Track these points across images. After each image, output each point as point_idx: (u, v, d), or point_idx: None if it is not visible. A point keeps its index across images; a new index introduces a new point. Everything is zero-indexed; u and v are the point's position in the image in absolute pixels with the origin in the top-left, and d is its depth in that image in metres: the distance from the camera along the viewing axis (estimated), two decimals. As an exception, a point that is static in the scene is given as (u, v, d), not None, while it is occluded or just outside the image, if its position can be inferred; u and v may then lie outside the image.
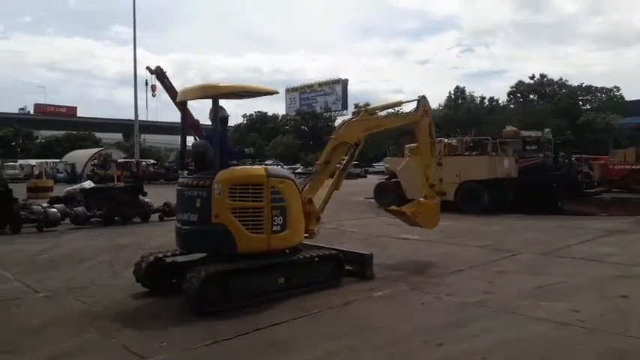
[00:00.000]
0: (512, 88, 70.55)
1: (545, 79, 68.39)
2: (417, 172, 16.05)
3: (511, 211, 14.42)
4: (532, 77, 68.93)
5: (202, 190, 5.48)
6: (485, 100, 71.84)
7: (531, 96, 69.00)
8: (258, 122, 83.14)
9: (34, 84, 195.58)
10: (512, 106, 68.57)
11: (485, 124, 47.94)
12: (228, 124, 6.96)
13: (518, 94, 69.89)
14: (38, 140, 75.37)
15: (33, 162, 49.40)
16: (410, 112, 7.99)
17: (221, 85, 5.95)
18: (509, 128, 19.46)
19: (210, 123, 6.08)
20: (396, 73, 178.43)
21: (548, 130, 20.69)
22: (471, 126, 42.07)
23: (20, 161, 52.49)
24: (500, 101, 71.22)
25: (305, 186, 6.71)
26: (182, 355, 4.12)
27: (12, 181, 20.20)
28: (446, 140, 17.18)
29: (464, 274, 7.01)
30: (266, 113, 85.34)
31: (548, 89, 67.63)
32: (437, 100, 69.57)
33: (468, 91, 74.54)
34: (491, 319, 4.97)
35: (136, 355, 4.09)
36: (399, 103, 8.34)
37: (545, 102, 63.93)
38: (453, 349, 4.21)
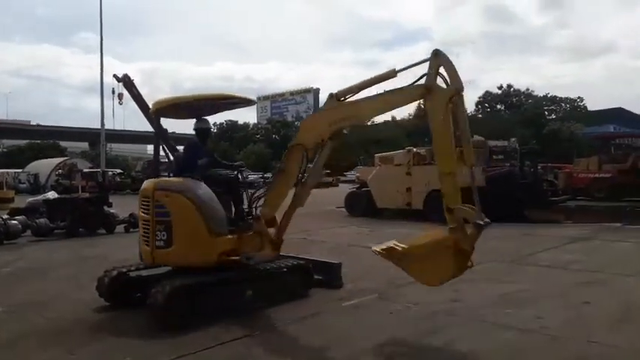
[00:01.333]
0: (479, 98, 72.16)
1: (512, 89, 70.21)
2: (387, 182, 16.34)
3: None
4: (500, 87, 70.72)
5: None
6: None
7: (498, 106, 70.64)
8: (229, 131, 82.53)
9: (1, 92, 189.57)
10: (479, 115, 70.03)
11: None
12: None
13: (486, 104, 71.45)
14: (0, 149, 72.98)
15: (7, 171, 47.77)
16: (408, 85, 5.01)
17: (193, 95, 5.92)
18: (476, 138, 19.79)
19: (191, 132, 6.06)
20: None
21: (514, 139, 21.11)
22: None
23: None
24: (468, 111, 72.67)
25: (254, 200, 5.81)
26: (145, 371, 4.01)
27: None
28: (415, 149, 17.38)
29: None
30: (237, 122, 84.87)
31: (514, 99, 69.40)
32: (406, 109, 70.54)
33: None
34: (460, 328, 5.01)
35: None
36: (392, 74, 5.14)
37: (512, 112, 65.53)
38: (422, 357, 4.22)
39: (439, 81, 4.78)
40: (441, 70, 4.72)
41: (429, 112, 4.88)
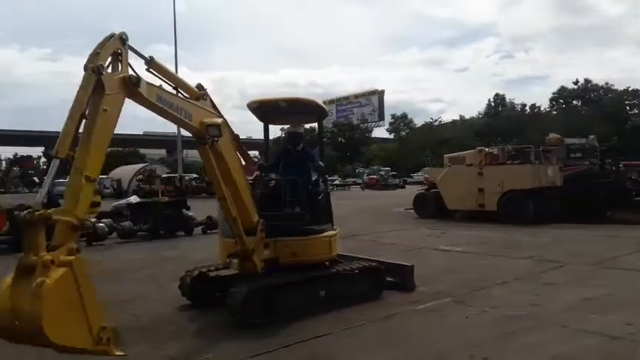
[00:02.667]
0: (554, 94, 68.71)
1: (590, 84, 66.23)
2: (458, 182, 15.98)
3: (557, 221, 13.99)
4: (576, 82, 66.94)
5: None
6: (527, 107, 70.23)
7: (575, 102, 66.97)
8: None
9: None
10: (554, 112, 66.71)
11: (527, 131, 46.75)
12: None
13: (561, 100, 67.96)
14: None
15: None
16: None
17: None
18: (552, 136, 18.94)
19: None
20: (433, 83, 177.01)
21: (593, 136, 19.97)
22: (512, 134, 41.13)
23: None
24: (542, 108, 69.46)
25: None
26: (227, 367, 4.19)
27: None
28: (487, 149, 16.87)
29: (509, 286, 6.83)
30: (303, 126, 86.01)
31: (592, 94, 65.45)
32: (477, 108, 68.52)
33: (508, 98, 73.10)
34: (540, 333, 4.82)
35: (183, 366, 4.18)
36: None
37: (590, 108, 61.90)
38: (499, 363, 4.11)
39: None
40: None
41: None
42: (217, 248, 6.02)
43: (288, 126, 6.71)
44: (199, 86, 6.55)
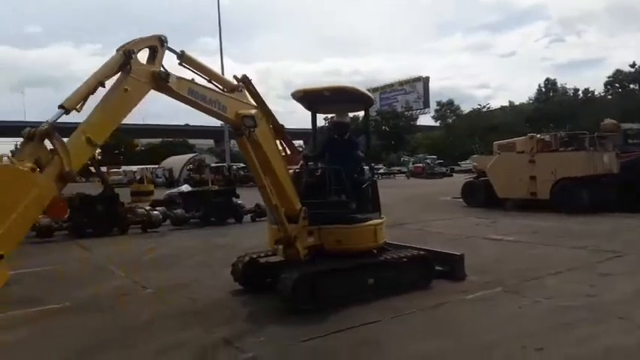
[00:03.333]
0: (609, 78, 65.41)
1: (649, 67, 62.63)
2: (508, 170, 15.57)
3: (612, 210, 13.42)
4: (632, 65, 63.41)
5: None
6: (580, 92, 67.24)
7: (632, 85, 63.53)
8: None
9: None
10: (609, 97, 63.57)
11: (580, 117, 44.79)
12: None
13: (617, 84, 64.64)
14: (138, 148, 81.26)
15: (134, 168, 53.19)
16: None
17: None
18: (607, 121, 18.09)
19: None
20: (479, 68, 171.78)
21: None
22: (565, 120, 39.55)
23: (123, 167, 56.70)
24: (596, 92, 66.34)
25: None
26: (279, 350, 4.30)
27: (117, 186, 22.09)
28: (539, 136, 16.33)
29: (563, 276, 6.65)
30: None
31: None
32: (526, 93, 66.29)
33: (559, 82, 70.22)
34: (596, 325, 4.70)
35: (237, 349, 4.33)
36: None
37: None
38: (553, 354, 4.04)
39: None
40: None
41: None
42: (266, 235, 6.16)
43: (334, 116, 6.71)
44: (244, 78, 6.71)
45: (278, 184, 5.21)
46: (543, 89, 70.23)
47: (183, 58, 4.54)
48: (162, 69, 4.12)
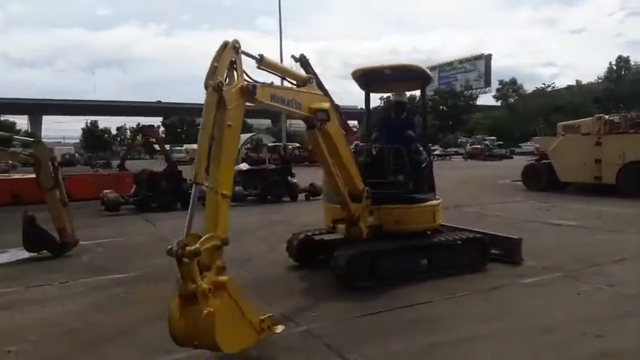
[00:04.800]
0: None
1: None
2: (572, 153, 14.91)
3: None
4: None
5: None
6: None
7: None
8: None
9: (195, 75, 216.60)
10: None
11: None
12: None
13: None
14: (200, 127, 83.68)
15: (196, 146, 54.60)
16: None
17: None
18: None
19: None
20: (547, 45, 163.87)
21: None
22: (637, 100, 37.16)
23: (185, 146, 58.55)
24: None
25: None
26: (333, 325, 4.43)
27: (179, 163, 22.95)
28: (607, 117, 15.50)
29: (627, 263, 6.40)
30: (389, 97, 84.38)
31: None
32: (595, 72, 62.64)
33: (633, 60, 65.63)
34: (662, 315, 4.52)
35: (293, 322, 4.49)
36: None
37: None
38: (614, 342, 3.94)
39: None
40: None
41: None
42: (321, 213, 6.27)
43: (390, 95, 6.69)
44: (302, 57, 6.76)
45: (344, 168, 5.29)
46: (614, 67, 65.96)
47: (262, 62, 4.42)
48: (245, 79, 3.98)
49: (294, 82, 4.92)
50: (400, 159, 5.94)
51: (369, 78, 6.60)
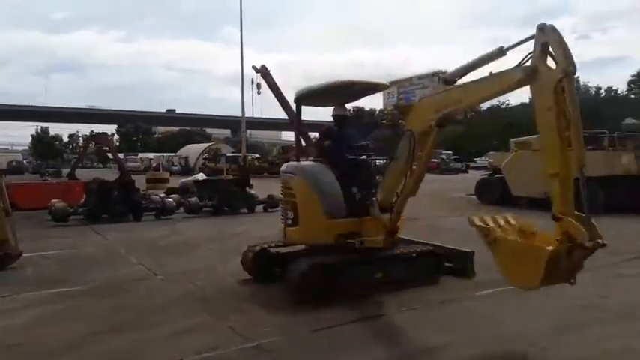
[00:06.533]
0: (633, 76, 63.82)
1: (675, 64, 61.14)
2: (524, 168, 15.38)
3: (631, 212, 13.21)
4: (661, 64, 61.95)
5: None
6: (602, 90, 65.88)
7: (660, 86, 62.09)
8: (356, 117, 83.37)
9: (157, 84, 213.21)
10: (632, 96, 62.15)
11: (602, 116, 43.98)
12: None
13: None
14: (156, 135, 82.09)
15: (151, 155, 53.69)
16: (510, 69, 4.22)
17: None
18: (629, 121, 17.75)
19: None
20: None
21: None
22: (586, 119, 38.76)
23: (140, 155, 57.28)
24: (619, 91, 64.91)
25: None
26: (285, 340, 4.34)
27: (133, 173, 22.33)
28: (556, 134, 16.10)
29: (576, 276, 6.57)
30: (363, 108, 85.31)
31: (677, 76, 60.38)
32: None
33: (582, 80, 68.82)
34: (606, 326, 4.66)
35: (242, 337, 4.38)
36: (500, 53, 4.56)
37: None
38: (559, 354, 4.03)
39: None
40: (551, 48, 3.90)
41: (533, 98, 4.10)
42: (317, 229, 5.72)
43: (333, 109, 6.51)
44: (263, 68, 6.65)
45: (422, 172, 5.40)
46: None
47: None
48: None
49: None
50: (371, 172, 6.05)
51: (308, 100, 6.53)
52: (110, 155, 15.16)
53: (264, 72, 32.19)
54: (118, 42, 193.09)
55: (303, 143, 8.92)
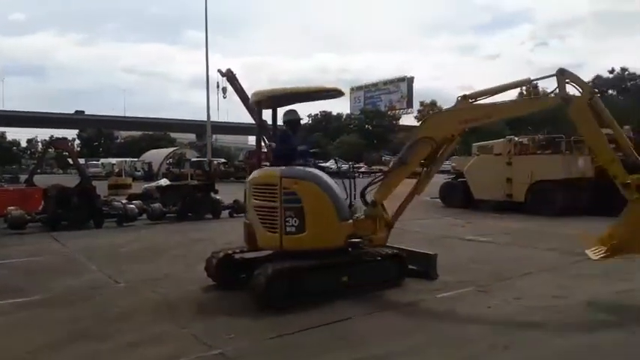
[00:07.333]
0: (588, 82, 66.38)
1: (627, 72, 63.82)
2: (485, 172, 15.76)
3: (587, 214, 13.68)
4: (611, 71, 64.52)
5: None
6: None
7: (610, 91, 64.70)
8: (323, 122, 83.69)
9: (118, 87, 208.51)
10: (589, 102, 64.51)
11: (560, 121, 45.52)
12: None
13: (596, 90, 65.67)
14: (118, 140, 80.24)
15: (113, 161, 52.40)
16: (544, 96, 6.36)
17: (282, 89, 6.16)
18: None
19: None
20: (465, 69, 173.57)
21: (628, 127, 19.25)
22: (545, 124, 40.13)
23: (102, 160, 55.85)
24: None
25: (368, 187, 6.27)
26: (249, 347, 4.30)
27: (94, 178, 21.64)
28: (516, 139, 16.57)
29: (534, 277, 6.78)
30: (330, 112, 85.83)
31: (629, 84, 63.08)
32: (508, 97, 66.81)
33: (541, 87, 71.20)
34: (562, 325, 4.80)
35: (205, 345, 4.31)
36: (526, 82, 6.39)
37: (627, 97, 59.72)
38: (519, 353, 4.12)
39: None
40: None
41: (575, 120, 5.57)
42: (330, 232, 5.72)
43: (284, 113, 6.46)
44: (229, 72, 6.64)
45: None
46: (524, 93, 71.09)
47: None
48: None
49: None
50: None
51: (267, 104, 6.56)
52: (70, 161, 14.72)
53: (230, 75, 32.13)
54: (79, 44, 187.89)
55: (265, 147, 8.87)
